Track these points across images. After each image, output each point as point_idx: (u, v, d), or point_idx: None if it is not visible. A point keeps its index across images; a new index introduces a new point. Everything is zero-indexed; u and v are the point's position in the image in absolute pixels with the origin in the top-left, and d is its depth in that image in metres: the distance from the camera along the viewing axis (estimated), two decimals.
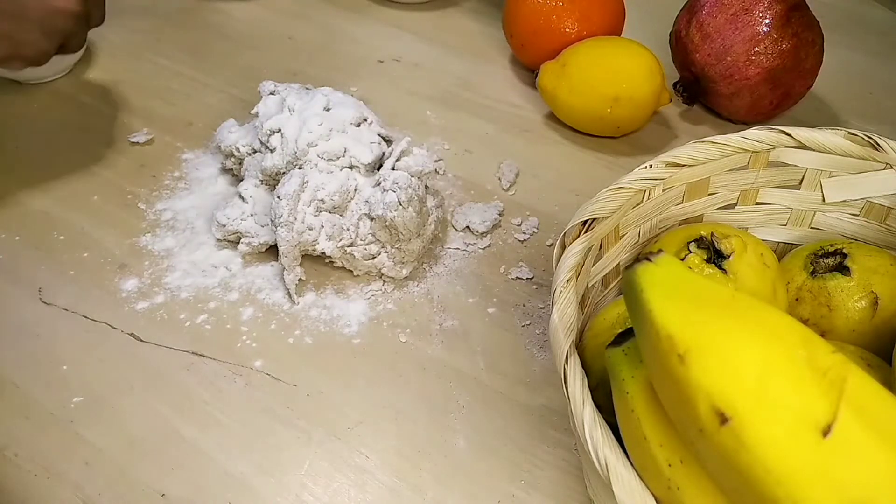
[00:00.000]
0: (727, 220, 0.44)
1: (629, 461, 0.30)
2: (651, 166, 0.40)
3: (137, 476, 0.41)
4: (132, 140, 0.60)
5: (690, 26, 0.58)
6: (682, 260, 0.39)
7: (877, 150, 0.40)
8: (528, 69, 0.66)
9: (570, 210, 0.40)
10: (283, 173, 0.51)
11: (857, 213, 0.43)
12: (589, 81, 0.57)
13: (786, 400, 0.24)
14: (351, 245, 0.48)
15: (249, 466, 0.41)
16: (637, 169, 0.40)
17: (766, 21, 0.55)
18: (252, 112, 0.55)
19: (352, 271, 0.50)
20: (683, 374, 0.25)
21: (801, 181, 0.43)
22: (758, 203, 0.45)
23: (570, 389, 0.31)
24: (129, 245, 0.52)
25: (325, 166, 0.49)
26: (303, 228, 0.48)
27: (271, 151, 0.51)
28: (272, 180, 0.52)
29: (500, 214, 0.54)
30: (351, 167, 0.50)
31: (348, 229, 0.48)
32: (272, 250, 0.51)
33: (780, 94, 0.58)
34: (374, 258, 0.49)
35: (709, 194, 0.43)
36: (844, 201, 0.43)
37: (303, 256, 0.50)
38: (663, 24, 0.63)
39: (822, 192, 0.43)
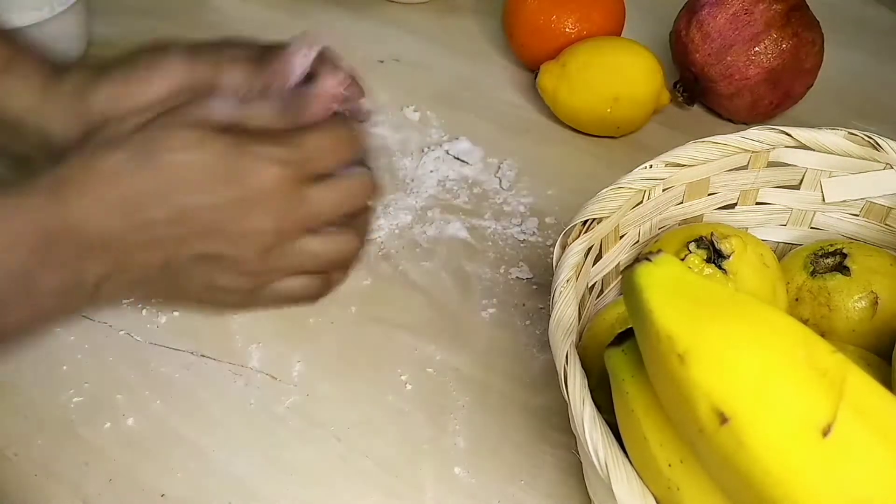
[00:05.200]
0: (727, 220, 0.44)
1: (629, 461, 0.30)
2: (651, 166, 0.40)
3: (137, 476, 0.41)
4: None
5: (690, 26, 0.58)
6: (682, 260, 0.39)
7: (877, 150, 0.40)
8: (528, 69, 0.66)
9: (570, 210, 0.40)
10: None
11: (857, 213, 0.43)
12: (589, 81, 0.57)
13: (785, 400, 0.24)
14: None
15: (249, 466, 0.41)
16: (637, 169, 0.40)
17: (766, 21, 0.55)
18: None
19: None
20: (683, 374, 0.25)
21: (801, 181, 0.43)
22: (758, 203, 0.45)
23: (569, 389, 0.31)
24: None
25: None
26: None
27: None
28: None
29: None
30: None
31: None
32: None
33: (780, 94, 0.58)
34: None
35: (709, 194, 0.43)
36: (844, 201, 0.43)
37: None
38: (663, 24, 0.63)
39: (822, 192, 0.43)
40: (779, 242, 0.46)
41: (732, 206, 0.45)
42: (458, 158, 0.59)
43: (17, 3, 0.63)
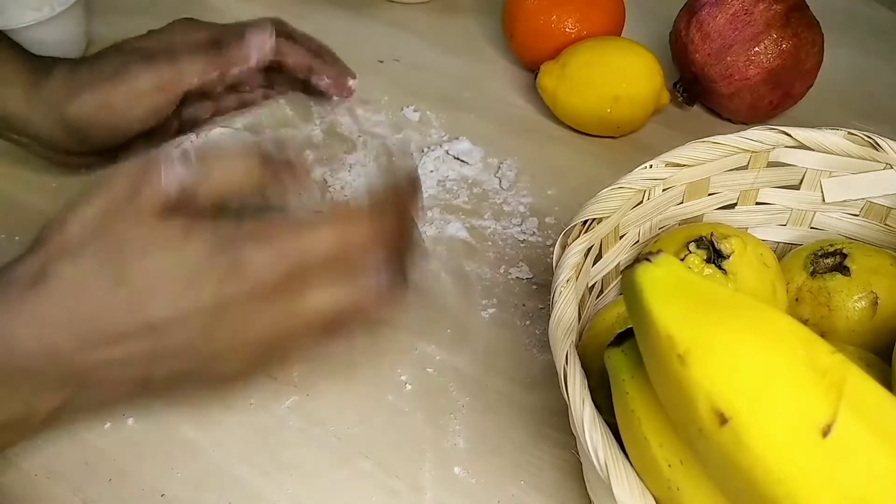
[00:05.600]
0: (727, 220, 0.44)
1: (629, 461, 0.30)
2: (651, 166, 0.40)
3: (137, 476, 0.41)
4: None
5: (690, 26, 0.58)
6: (682, 260, 0.39)
7: (877, 150, 0.40)
8: (528, 69, 0.66)
9: (570, 210, 0.40)
10: None
11: (857, 213, 0.43)
12: (589, 81, 0.57)
13: (785, 400, 0.24)
14: None
15: (249, 466, 0.41)
16: (637, 169, 0.40)
17: (766, 21, 0.55)
18: None
19: None
20: (683, 375, 0.25)
21: (801, 181, 0.43)
22: (758, 203, 0.45)
23: (569, 390, 0.31)
24: None
25: None
26: None
27: None
28: None
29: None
30: None
31: None
32: None
33: (780, 94, 0.58)
34: None
35: (709, 194, 0.43)
36: (844, 201, 0.43)
37: None
38: (663, 24, 0.63)
39: (822, 192, 0.43)
40: (779, 242, 0.46)
41: (732, 206, 0.45)
42: (458, 158, 0.59)
43: (17, 3, 0.63)
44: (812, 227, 0.45)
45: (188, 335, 0.30)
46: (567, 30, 0.61)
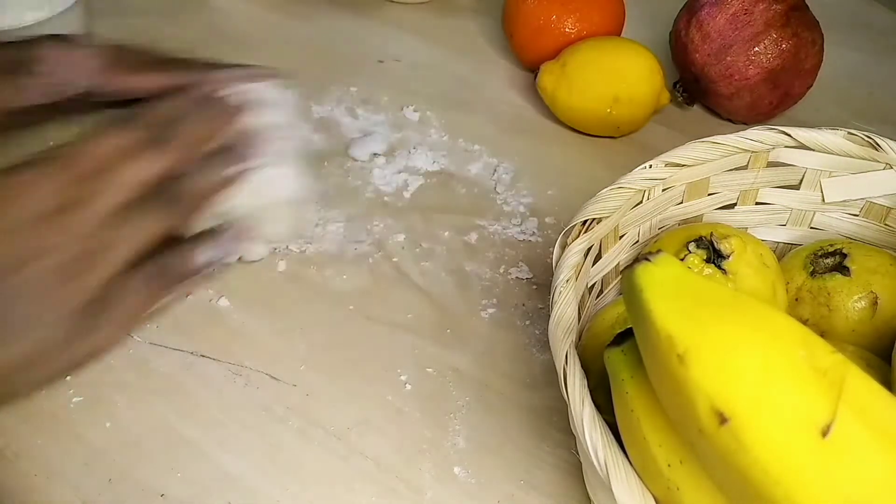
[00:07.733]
0: (727, 220, 0.44)
1: (629, 461, 0.30)
2: (651, 166, 0.40)
3: (137, 476, 0.41)
4: None
5: (690, 26, 0.58)
6: (682, 260, 0.39)
7: (877, 150, 0.40)
8: (528, 69, 0.66)
9: (570, 210, 0.40)
10: None
11: (857, 213, 0.43)
12: (589, 81, 0.57)
13: (785, 400, 0.24)
14: None
15: (249, 466, 0.41)
16: (637, 169, 0.40)
17: (766, 21, 0.55)
18: None
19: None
20: (683, 375, 0.25)
21: (801, 181, 0.43)
22: (757, 203, 0.45)
23: (569, 389, 0.31)
24: None
25: None
26: None
27: None
28: None
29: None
30: None
31: None
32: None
33: (780, 94, 0.58)
34: None
35: (708, 194, 0.43)
36: (844, 201, 0.43)
37: None
38: (663, 24, 0.63)
39: (822, 192, 0.43)
40: (779, 242, 0.46)
41: (732, 206, 0.45)
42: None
43: (17, 3, 0.63)
44: (812, 227, 0.45)
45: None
46: (567, 30, 0.61)
